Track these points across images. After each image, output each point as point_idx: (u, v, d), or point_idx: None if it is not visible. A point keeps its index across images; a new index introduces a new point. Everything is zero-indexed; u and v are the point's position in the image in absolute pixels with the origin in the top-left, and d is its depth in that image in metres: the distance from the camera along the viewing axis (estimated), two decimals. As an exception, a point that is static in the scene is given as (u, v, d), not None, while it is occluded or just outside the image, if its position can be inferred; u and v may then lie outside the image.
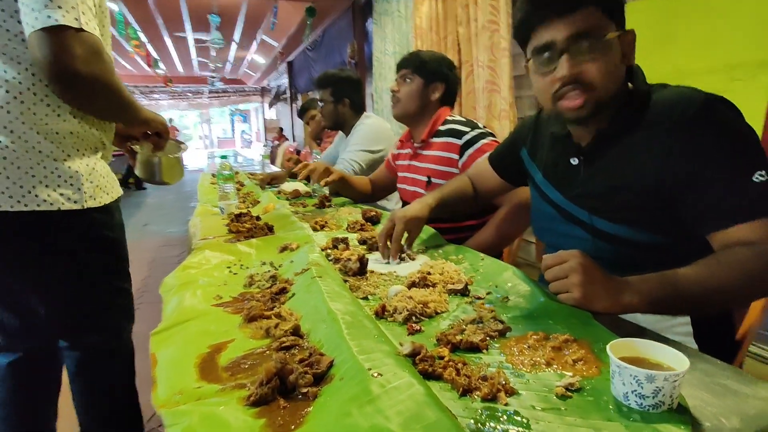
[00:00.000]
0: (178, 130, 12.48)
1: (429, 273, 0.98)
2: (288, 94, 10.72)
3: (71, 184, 1.06)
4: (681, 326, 0.95)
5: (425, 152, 1.72)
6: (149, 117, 1.30)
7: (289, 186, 2.49)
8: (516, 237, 1.64)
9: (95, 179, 1.12)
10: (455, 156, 1.61)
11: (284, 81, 10.99)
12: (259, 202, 2.14)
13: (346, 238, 1.31)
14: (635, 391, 0.53)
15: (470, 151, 1.57)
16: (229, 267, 1.15)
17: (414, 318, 0.80)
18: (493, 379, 0.58)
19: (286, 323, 0.76)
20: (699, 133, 0.82)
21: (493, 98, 2.89)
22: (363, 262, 1.05)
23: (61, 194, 1.05)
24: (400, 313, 0.80)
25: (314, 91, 4.75)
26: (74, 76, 0.94)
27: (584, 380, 0.60)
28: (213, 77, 13.36)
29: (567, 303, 0.78)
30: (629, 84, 0.94)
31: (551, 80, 0.90)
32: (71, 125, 1.07)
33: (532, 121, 1.21)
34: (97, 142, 1.15)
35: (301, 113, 4.19)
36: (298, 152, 6.06)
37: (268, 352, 0.69)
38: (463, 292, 0.92)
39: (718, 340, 1.00)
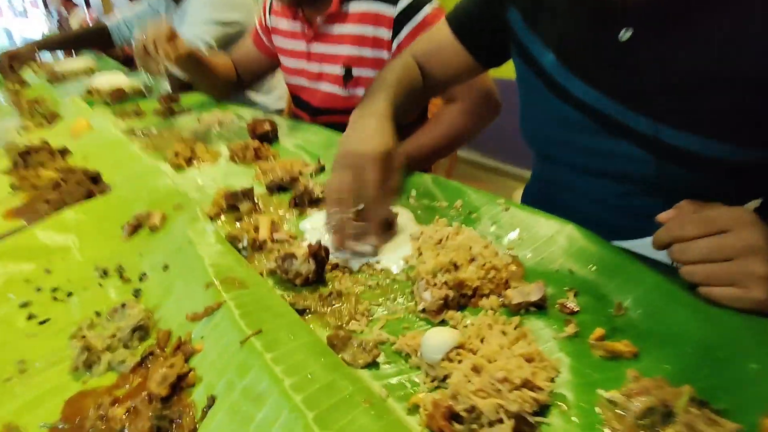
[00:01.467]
0: None
1: (456, 266, 0.52)
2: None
3: None
4: None
5: (336, 29, 1.11)
6: None
7: (104, 81, 1.63)
8: (466, 141, 1.22)
9: None
10: (386, 33, 1.06)
11: None
12: (58, 115, 1.34)
13: (251, 189, 0.75)
14: None
15: (411, 25, 1.03)
16: (25, 304, 0.55)
17: (526, 426, 0.36)
18: None
19: None
20: None
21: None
22: (320, 259, 0.54)
23: None
24: (493, 424, 0.35)
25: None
26: None
27: None
28: None
29: (733, 304, 0.46)
30: None
31: None
32: None
33: None
34: None
35: None
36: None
37: None
38: (540, 305, 0.49)
39: None
